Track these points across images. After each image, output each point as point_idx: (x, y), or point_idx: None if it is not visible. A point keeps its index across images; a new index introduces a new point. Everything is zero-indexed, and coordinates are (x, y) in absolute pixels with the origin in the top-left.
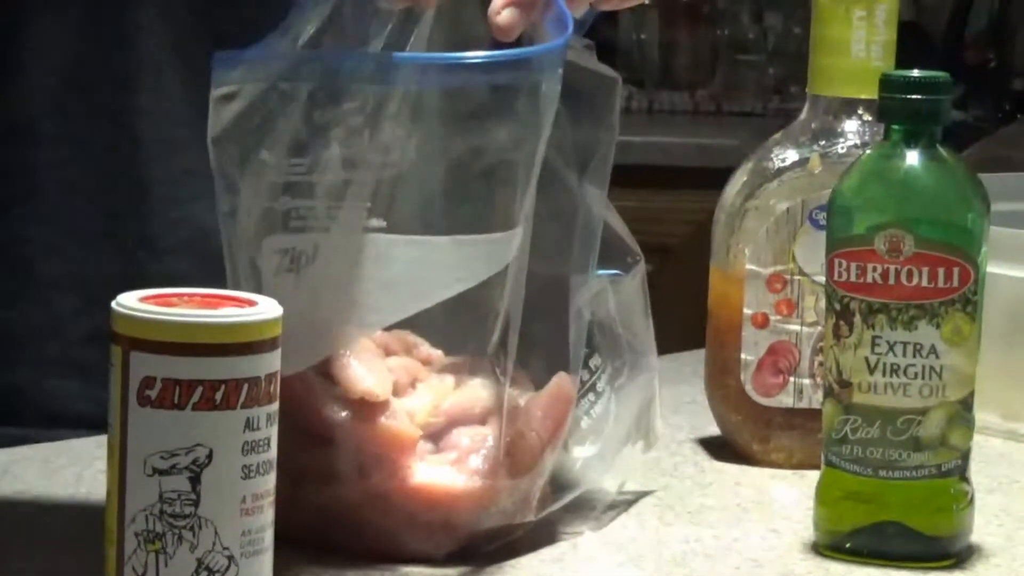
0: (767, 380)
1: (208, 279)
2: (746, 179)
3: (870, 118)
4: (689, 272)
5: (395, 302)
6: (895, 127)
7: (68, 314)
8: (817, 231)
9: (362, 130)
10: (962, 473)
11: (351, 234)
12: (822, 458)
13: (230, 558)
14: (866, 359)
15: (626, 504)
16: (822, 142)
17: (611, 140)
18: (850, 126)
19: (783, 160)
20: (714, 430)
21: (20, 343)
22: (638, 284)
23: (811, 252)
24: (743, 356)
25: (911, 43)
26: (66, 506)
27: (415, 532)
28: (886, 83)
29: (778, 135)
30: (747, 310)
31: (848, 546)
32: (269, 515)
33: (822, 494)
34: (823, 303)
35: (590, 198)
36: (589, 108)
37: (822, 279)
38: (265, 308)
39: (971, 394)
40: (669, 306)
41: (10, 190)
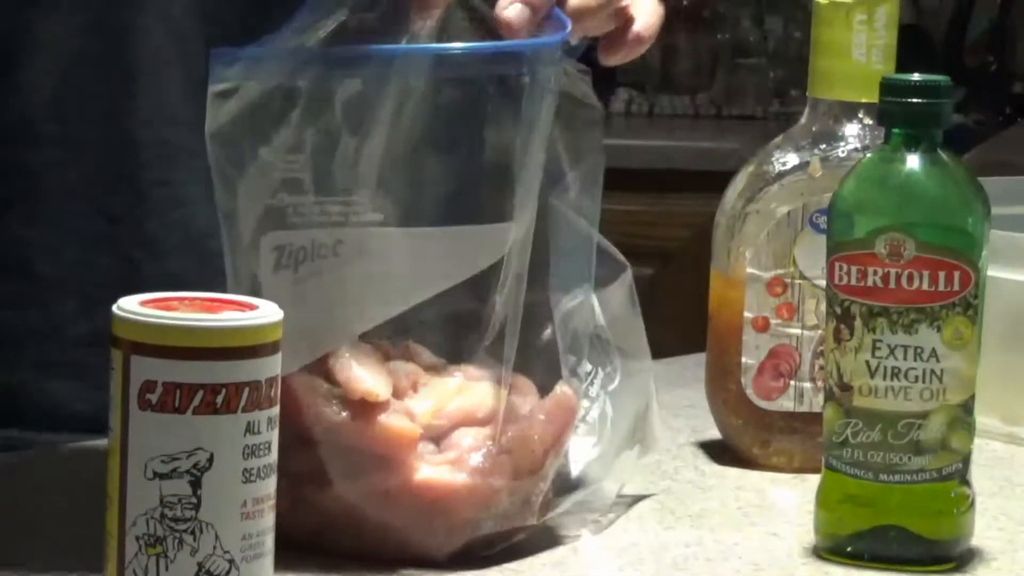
0: (768, 384)
1: (207, 280)
2: (747, 183)
3: (871, 122)
4: (690, 276)
5: (394, 295)
6: (896, 131)
7: (67, 315)
8: (818, 235)
9: (358, 124)
10: (963, 477)
11: (349, 229)
12: (823, 462)
13: (231, 562)
14: (867, 363)
15: (627, 508)
16: (823, 146)
17: (599, 163)
18: (851, 130)
19: (784, 164)
20: (715, 434)
21: (19, 344)
22: (626, 291)
23: (812, 256)
24: (744, 360)
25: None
26: (66, 509)
27: (416, 531)
28: (887, 87)
29: (779, 139)
30: (748, 314)
31: (849, 550)
32: (270, 519)
33: (823, 498)
34: (824, 307)
35: (582, 213)
36: (573, 134)
37: (823, 283)
38: (266, 312)
39: (972, 397)
40: (670, 310)
41: (8, 191)
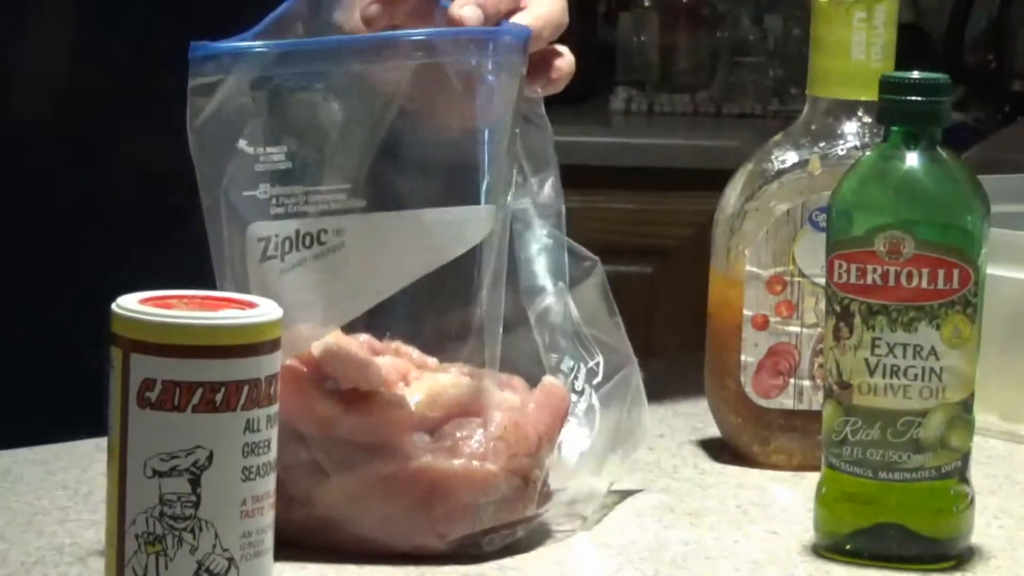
0: (767, 382)
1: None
2: (746, 181)
3: (870, 120)
4: (689, 274)
5: (382, 280)
6: (895, 129)
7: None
8: (817, 233)
9: (338, 114)
10: (962, 475)
11: (332, 218)
12: (822, 460)
13: (230, 560)
14: (866, 361)
15: (626, 505)
16: (822, 144)
17: (556, 173)
18: (850, 128)
19: (783, 162)
20: (714, 432)
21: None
22: (599, 286)
23: (811, 254)
24: (743, 358)
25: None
26: (66, 508)
27: (416, 519)
28: (886, 85)
29: (778, 137)
30: (747, 312)
31: (848, 548)
32: (269, 517)
33: (822, 496)
34: (823, 305)
35: (546, 216)
36: (529, 145)
37: (822, 281)
38: (265, 310)
39: (971, 396)
40: (669, 308)
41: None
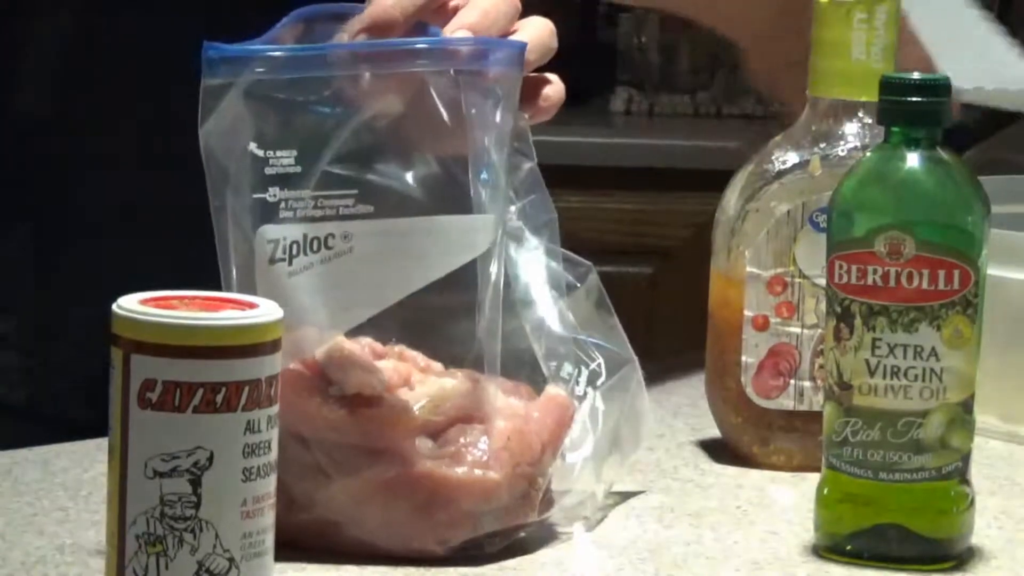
0: (767, 382)
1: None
2: (746, 182)
3: (870, 120)
4: (689, 275)
5: (388, 286)
6: (895, 129)
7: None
8: (817, 233)
9: (348, 118)
10: (962, 475)
11: (341, 223)
12: (822, 460)
13: (231, 560)
14: (866, 361)
15: (626, 506)
16: (822, 144)
17: (540, 181)
18: (850, 128)
19: (783, 163)
20: (714, 432)
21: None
22: (594, 291)
23: (811, 254)
24: (743, 358)
25: None
26: (66, 508)
27: (418, 525)
28: (886, 85)
29: (778, 138)
30: (747, 312)
31: (848, 548)
32: (270, 517)
33: (822, 496)
34: (823, 305)
35: (532, 223)
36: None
37: (823, 281)
38: (266, 311)
39: (971, 396)
40: (669, 308)
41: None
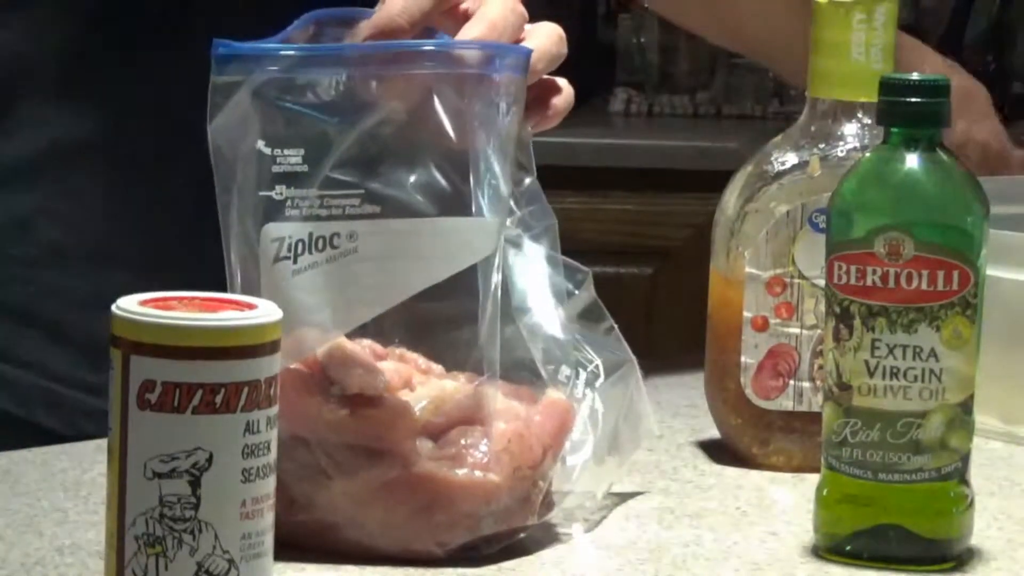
0: (767, 383)
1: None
2: (746, 182)
3: (869, 121)
4: (689, 275)
5: (392, 287)
6: (895, 130)
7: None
8: (817, 234)
9: (355, 118)
10: (962, 476)
11: (346, 222)
12: (822, 461)
13: (230, 562)
14: (866, 362)
15: (626, 507)
16: (821, 145)
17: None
18: (849, 129)
19: (783, 163)
20: (714, 433)
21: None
22: (591, 297)
23: (811, 255)
24: (743, 359)
25: None
26: (66, 509)
27: (417, 526)
28: (886, 86)
29: (778, 138)
30: (747, 313)
31: (848, 549)
32: (269, 519)
33: (822, 497)
34: (823, 306)
35: (531, 229)
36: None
37: (822, 282)
38: (265, 311)
39: (971, 397)
40: (669, 309)
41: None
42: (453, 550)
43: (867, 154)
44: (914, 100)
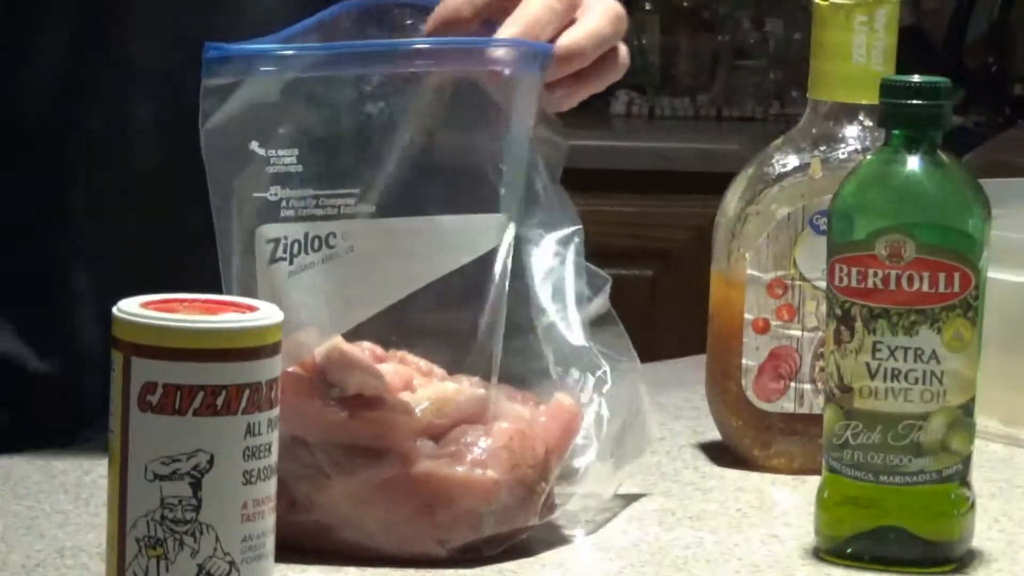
0: (768, 385)
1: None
2: (747, 184)
3: (871, 123)
4: (690, 277)
5: (388, 286)
6: (896, 132)
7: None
8: (818, 236)
9: (351, 118)
10: (963, 478)
11: (342, 222)
12: (823, 463)
13: (231, 563)
14: (867, 364)
15: (627, 509)
16: (823, 147)
17: (564, 193)
18: (851, 131)
19: (784, 165)
20: (715, 435)
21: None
22: (606, 302)
23: (812, 257)
24: (744, 361)
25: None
26: (67, 511)
27: (418, 525)
28: (887, 88)
29: (779, 140)
30: (748, 315)
31: (849, 551)
32: (270, 520)
33: (823, 499)
34: (824, 308)
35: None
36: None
37: (823, 284)
38: (266, 314)
39: (972, 399)
40: (670, 311)
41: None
42: (455, 550)
43: (868, 156)
44: (915, 103)
